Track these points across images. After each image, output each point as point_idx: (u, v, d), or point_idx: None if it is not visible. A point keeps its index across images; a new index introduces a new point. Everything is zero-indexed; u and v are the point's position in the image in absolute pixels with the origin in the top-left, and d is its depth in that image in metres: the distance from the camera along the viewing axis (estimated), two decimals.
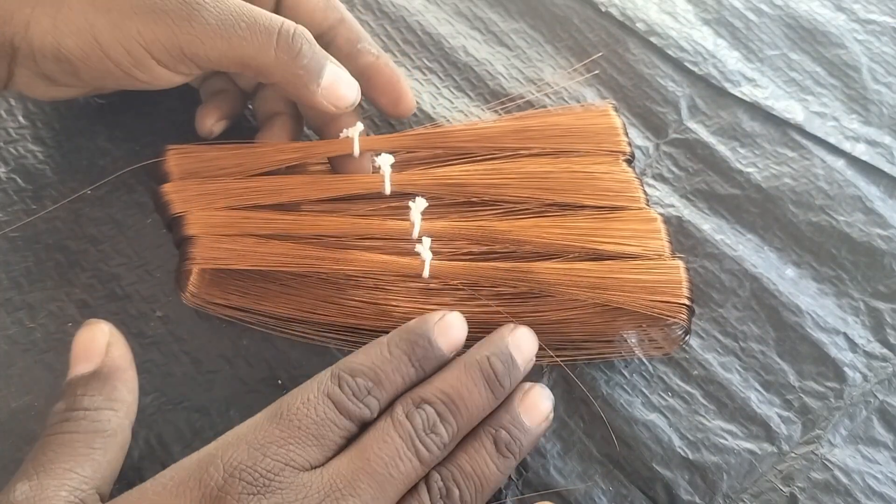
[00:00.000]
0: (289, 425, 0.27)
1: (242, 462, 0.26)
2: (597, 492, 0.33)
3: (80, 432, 0.26)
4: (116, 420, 0.27)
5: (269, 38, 0.33)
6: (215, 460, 0.26)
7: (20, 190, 0.37)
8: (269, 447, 0.26)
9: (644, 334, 0.36)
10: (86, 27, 0.31)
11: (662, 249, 0.36)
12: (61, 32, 0.31)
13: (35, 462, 0.26)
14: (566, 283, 0.34)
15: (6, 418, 0.32)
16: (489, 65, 0.45)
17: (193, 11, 0.32)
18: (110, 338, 0.29)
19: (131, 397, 0.29)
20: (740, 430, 0.35)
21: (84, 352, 0.29)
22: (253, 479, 0.25)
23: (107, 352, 0.28)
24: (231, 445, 0.26)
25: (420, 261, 0.35)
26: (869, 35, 0.49)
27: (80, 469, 0.26)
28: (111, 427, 0.27)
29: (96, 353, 0.28)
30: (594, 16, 0.48)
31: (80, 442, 0.26)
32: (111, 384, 0.28)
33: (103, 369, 0.28)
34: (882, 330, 0.38)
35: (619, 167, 0.39)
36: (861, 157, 0.43)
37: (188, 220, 0.35)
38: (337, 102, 0.35)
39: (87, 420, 0.27)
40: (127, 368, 0.29)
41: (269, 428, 0.27)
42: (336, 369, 0.29)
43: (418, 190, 0.37)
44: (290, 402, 0.28)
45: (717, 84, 0.45)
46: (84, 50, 0.32)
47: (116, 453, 0.27)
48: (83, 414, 0.27)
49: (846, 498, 0.34)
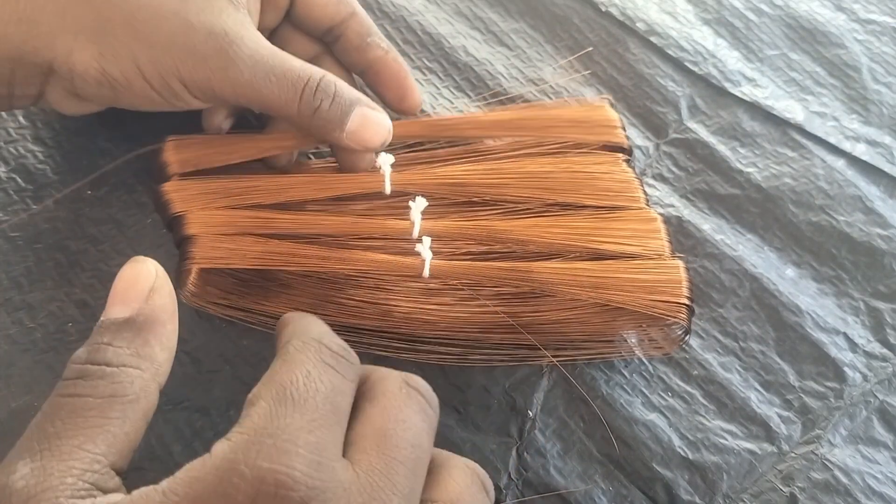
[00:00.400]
0: (307, 407, 0.23)
1: (273, 463, 0.21)
2: (597, 492, 0.33)
3: (95, 397, 0.23)
4: (140, 382, 0.23)
5: (294, 94, 0.34)
6: (238, 467, 0.21)
7: (20, 189, 0.37)
8: (299, 437, 0.22)
9: (644, 334, 0.36)
10: (130, 58, 0.32)
11: (662, 249, 0.36)
12: (106, 60, 0.32)
13: (41, 434, 0.22)
14: (566, 283, 0.34)
15: (6, 418, 0.32)
16: (489, 65, 0.45)
17: (230, 62, 0.33)
18: (155, 282, 0.25)
19: (164, 356, 0.25)
20: (740, 430, 0.35)
21: (123, 292, 0.25)
22: (293, 481, 0.21)
23: (147, 298, 0.25)
24: (251, 445, 0.22)
25: (420, 260, 0.35)
26: (869, 35, 0.49)
27: (90, 445, 0.22)
28: (133, 390, 0.23)
29: (136, 296, 0.24)
30: (594, 16, 0.48)
31: (94, 410, 0.22)
32: (143, 337, 0.24)
33: (138, 318, 0.24)
34: (882, 330, 0.38)
35: (620, 167, 0.39)
36: (861, 157, 0.43)
37: (188, 220, 0.35)
38: (364, 145, 0.36)
39: (105, 380, 0.23)
40: (166, 322, 0.25)
41: (288, 415, 0.23)
42: (311, 338, 0.26)
43: (418, 189, 0.37)
44: (293, 381, 0.24)
45: (718, 84, 0.45)
46: (128, 78, 0.33)
47: (137, 422, 0.23)
48: (102, 371, 0.23)
49: (846, 498, 0.34)
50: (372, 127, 0.36)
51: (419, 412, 0.26)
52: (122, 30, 0.32)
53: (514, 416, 0.34)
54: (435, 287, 0.36)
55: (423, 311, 0.35)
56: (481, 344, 0.35)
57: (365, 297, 0.36)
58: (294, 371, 0.24)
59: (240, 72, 0.33)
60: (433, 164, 0.39)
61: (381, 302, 0.35)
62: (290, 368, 0.24)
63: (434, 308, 0.35)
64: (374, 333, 0.35)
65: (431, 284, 0.36)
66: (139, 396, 0.23)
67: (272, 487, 0.21)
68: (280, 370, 0.24)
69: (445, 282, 0.36)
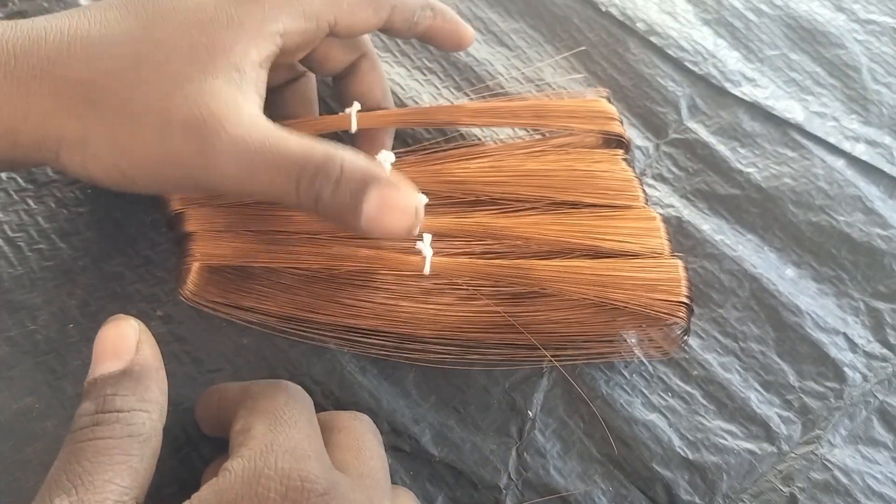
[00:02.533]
0: (298, 425, 0.26)
1: (294, 464, 0.25)
2: (597, 492, 0.33)
3: (115, 437, 0.25)
4: (150, 423, 0.26)
5: (290, 183, 0.29)
6: (263, 471, 0.24)
7: (21, 189, 0.37)
8: (304, 446, 0.26)
9: (644, 334, 0.36)
10: (113, 167, 0.30)
11: (661, 248, 0.36)
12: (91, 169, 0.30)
13: (70, 473, 0.24)
14: (565, 281, 0.34)
15: (7, 419, 0.32)
16: (489, 65, 0.45)
17: (210, 161, 0.29)
18: (140, 335, 0.27)
19: (163, 399, 0.27)
20: (740, 430, 0.35)
21: (112, 348, 0.27)
22: (315, 476, 0.25)
23: (137, 349, 0.27)
24: (267, 455, 0.25)
25: (421, 258, 0.35)
26: (869, 35, 0.49)
27: (119, 479, 0.24)
28: (146, 431, 0.26)
29: (126, 350, 0.27)
30: (594, 16, 0.48)
31: (117, 448, 0.25)
32: (144, 384, 0.26)
33: (135, 368, 0.26)
34: (882, 330, 0.38)
35: (619, 166, 0.39)
36: (861, 157, 0.43)
37: (188, 217, 0.35)
38: (387, 233, 0.29)
39: (120, 423, 0.25)
40: (159, 368, 0.27)
41: (286, 432, 0.26)
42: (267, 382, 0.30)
43: (419, 188, 0.37)
44: (278, 408, 0.27)
45: (718, 84, 0.45)
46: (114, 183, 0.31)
47: (151, 460, 0.26)
48: (116, 417, 0.25)
49: (846, 498, 0.34)
50: (394, 212, 0.29)
51: (374, 434, 0.30)
52: (103, 141, 0.30)
53: (513, 416, 0.35)
54: (435, 287, 0.36)
55: (423, 310, 0.35)
56: (481, 344, 0.35)
57: (365, 296, 0.36)
58: (273, 401, 0.27)
59: (220, 168, 0.29)
60: (433, 162, 0.39)
61: (381, 302, 0.36)
62: (269, 399, 0.27)
63: (434, 308, 0.36)
64: (374, 333, 0.35)
65: (432, 284, 0.36)
66: (150, 436, 0.26)
67: (298, 482, 0.24)
68: (259, 403, 0.27)
69: (446, 281, 0.36)
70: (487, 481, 0.33)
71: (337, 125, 0.38)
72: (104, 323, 0.27)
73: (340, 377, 0.34)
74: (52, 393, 0.33)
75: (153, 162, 0.30)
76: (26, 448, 0.31)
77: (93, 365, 0.27)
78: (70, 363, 0.33)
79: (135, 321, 0.28)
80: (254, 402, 0.28)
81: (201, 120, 0.29)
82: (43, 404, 0.32)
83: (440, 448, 0.34)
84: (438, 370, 0.35)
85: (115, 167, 0.30)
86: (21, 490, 0.31)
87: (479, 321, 0.35)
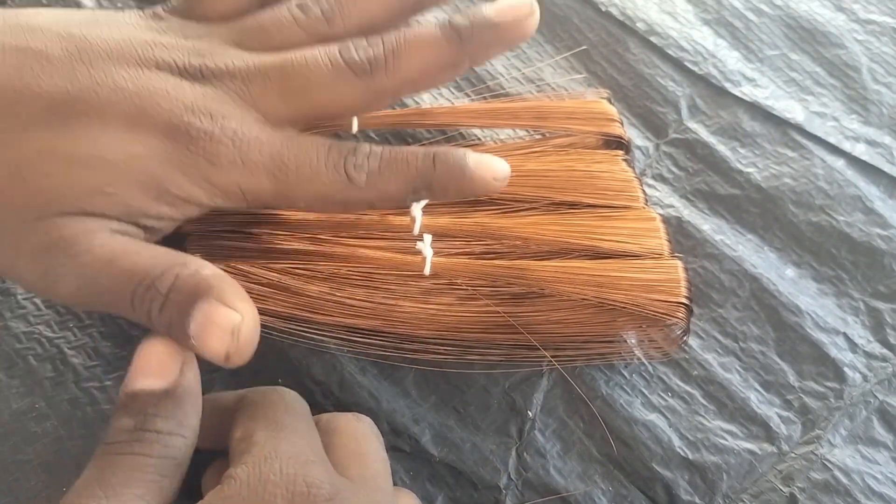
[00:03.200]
0: (299, 432, 0.27)
1: (298, 469, 0.25)
2: (597, 492, 0.33)
3: (154, 457, 0.25)
4: (185, 449, 0.26)
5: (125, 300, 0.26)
6: (269, 477, 0.25)
7: None
8: (307, 451, 0.26)
9: (643, 335, 0.36)
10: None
11: (661, 248, 0.36)
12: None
13: (102, 482, 0.24)
14: (565, 282, 0.34)
15: (8, 419, 0.32)
16: (489, 65, 0.45)
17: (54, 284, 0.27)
18: (185, 358, 0.26)
19: (198, 425, 0.27)
20: (740, 430, 0.35)
21: (157, 365, 0.26)
22: (319, 480, 0.25)
23: (182, 372, 0.26)
24: (272, 461, 0.25)
25: (421, 258, 0.35)
26: (869, 35, 0.49)
27: (149, 497, 0.24)
28: (181, 455, 0.26)
29: (170, 370, 0.26)
30: (594, 16, 0.48)
31: (153, 467, 0.25)
32: (184, 410, 0.26)
33: (177, 390, 0.26)
34: (882, 330, 0.38)
35: (619, 166, 0.39)
36: (861, 157, 0.43)
37: None
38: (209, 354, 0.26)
39: (160, 444, 0.25)
40: (198, 395, 0.27)
41: (288, 437, 0.26)
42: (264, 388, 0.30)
43: None
44: (278, 415, 0.27)
45: (718, 84, 0.45)
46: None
47: (178, 484, 0.26)
48: (156, 437, 0.25)
49: (846, 498, 0.34)
50: (214, 330, 0.26)
51: (376, 436, 0.30)
52: None
53: (513, 416, 0.35)
54: (435, 287, 0.36)
55: (423, 310, 0.35)
56: (481, 344, 0.35)
57: (365, 296, 0.36)
58: (272, 407, 0.27)
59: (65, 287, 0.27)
60: None
61: (381, 302, 0.36)
62: (269, 406, 0.27)
63: (434, 308, 0.36)
64: (374, 333, 0.35)
65: (431, 284, 0.36)
66: (184, 461, 0.26)
67: (304, 487, 0.24)
68: (258, 410, 0.27)
69: (445, 281, 0.36)
70: (487, 481, 0.33)
71: (337, 126, 0.38)
72: (150, 336, 0.26)
73: (340, 377, 0.34)
74: (52, 393, 0.33)
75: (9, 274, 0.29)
76: (26, 448, 0.31)
77: (133, 375, 0.26)
78: (70, 363, 0.33)
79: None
80: (253, 410, 0.28)
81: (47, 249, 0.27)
82: (43, 404, 0.32)
83: (440, 448, 0.34)
84: (438, 370, 0.35)
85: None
86: (21, 490, 0.31)
87: (478, 321, 0.35)
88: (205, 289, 0.26)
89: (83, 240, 0.27)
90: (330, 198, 0.30)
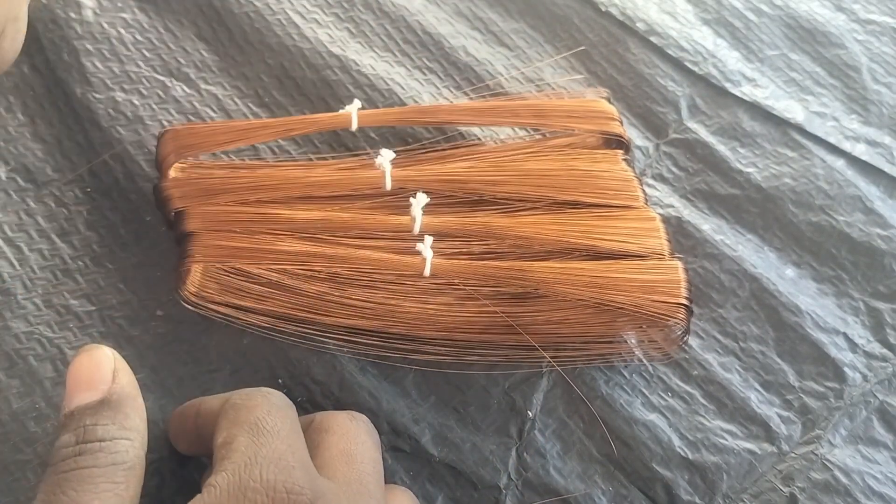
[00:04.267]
0: (281, 435, 0.26)
1: (278, 475, 0.24)
2: (597, 492, 0.33)
3: (100, 466, 0.25)
4: (133, 451, 0.26)
5: None
6: (249, 484, 0.24)
7: (20, 189, 0.37)
8: (288, 456, 0.25)
9: (643, 335, 0.36)
10: None
11: (661, 248, 0.36)
12: None
13: (55, 501, 0.24)
14: (565, 283, 0.34)
15: (8, 419, 0.32)
16: (489, 64, 0.45)
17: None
18: (116, 363, 0.27)
19: (144, 426, 0.27)
20: (740, 430, 0.35)
21: (88, 378, 0.26)
22: (300, 486, 0.24)
23: (114, 378, 0.26)
24: (251, 467, 0.25)
25: (421, 259, 0.35)
26: (869, 35, 0.49)
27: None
28: (130, 458, 0.25)
29: (102, 379, 0.26)
30: (594, 16, 0.48)
31: (102, 477, 0.24)
32: (123, 412, 0.26)
33: (112, 397, 0.26)
34: (882, 330, 0.38)
35: (619, 166, 0.39)
36: (861, 157, 0.43)
37: (188, 216, 0.35)
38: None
39: (104, 452, 0.25)
40: (136, 396, 0.27)
41: (269, 443, 0.26)
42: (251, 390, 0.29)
43: (418, 186, 0.37)
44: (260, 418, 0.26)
45: (718, 84, 0.45)
46: None
47: (136, 487, 0.25)
48: (99, 446, 0.25)
49: (846, 498, 0.34)
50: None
51: (369, 435, 0.29)
52: None
53: (513, 416, 0.35)
54: (435, 287, 0.36)
55: (423, 311, 0.35)
56: (481, 344, 0.35)
57: (365, 296, 0.36)
58: (254, 411, 0.27)
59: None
60: (433, 161, 0.39)
61: (381, 302, 0.36)
62: (251, 410, 0.27)
63: (434, 308, 0.36)
64: (374, 333, 0.35)
65: (431, 284, 0.36)
66: (134, 463, 0.25)
67: (284, 494, 0.24)
68: (240, 414, 0.27)
69: (446, 281, 0.36)
70: (487, 481, 0.33)
71: (337, 123, 0.38)
72: (76, 353, 0.27)
73: (340, 377, 0.34)
74: (52, 393, 0.33)
75: None
76: (26, 448, 0.31)
77: (68, 396, 0.26)
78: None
79: (108, 349, 0.27)
80: (235, 413, 0.27)
81: None
82: (43, 404, 0.32)
83: (440, 448, 0.34)
84: (438, 370, 0.35)
85: None
86: (21, 490, 0.31)
87: (478, 322, 0.35)
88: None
89: None
90: None
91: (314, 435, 0.28)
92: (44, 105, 0.41)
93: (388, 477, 0.33)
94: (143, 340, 0.34)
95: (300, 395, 0.34)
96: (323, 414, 0.30)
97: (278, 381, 0.34)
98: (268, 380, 0.34)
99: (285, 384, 0.34)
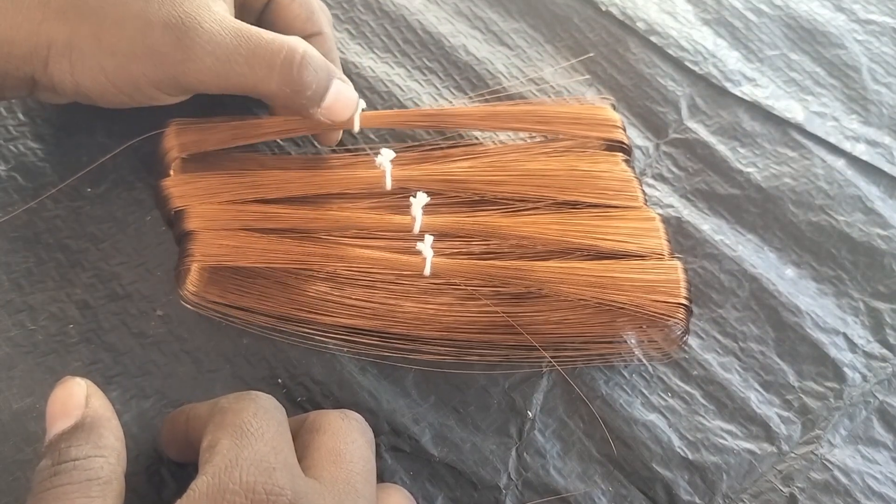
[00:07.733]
0: (265, 437, 0.26)
1: (258, 477, 0.25)
2: (597, 492, 0.33)
3: (74, 482, 0.25)
4: (109, 467, 0.26)
5: (270, 71, 0.33)
6: (228, 486, 0.24)
7: (21, 189, 0.37)
8: (269, 458, 0.25)
9: (643, 335, 0.36)
10: (98, 69, 0.32)
11: (661, 248, 0.36)
12: (78, 73, 0.33)
13: None
14: (565, 283, 0.34)
15: (8, 419, 0.32)
16: (489, 64, 0.45)
17: (189, 52, 0.32)
18: (88, 390, 0.27)
19: (120, 444, 0.27)
20: (740, 430, 0.35)
21: (62, 408, 0.27)
22: (280, 488, 0.24)
23: (87, 403, 0.27)
24: (232, 470, 0.25)
25: (421, 259, 0.35)
26: (869, 35, 0.49)
27: None
28: (105, 474, 0.25)
29: (75, 405, 0.27)
30: (594, 15, 0.48)
31: (77, 493, 0.25)
32: (97, 432, 0.26)
33: (86, 420, 0.26)
34: (882, 330, 0.38)
35: (619, 166, 0.39)
36: (861, 157, 0.44)
37: (188, 215, 0.35)
38: (334, 118, 0.36)
39: (77, 470, 0.25)
40: (111, 417, 0.27)
41: (252, 445, 0.26)
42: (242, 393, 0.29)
43: (419, 186, 0.37)
44: (245, 420, 0.27)
45: (718, 84, 0.45)
46: (99, 88, 0.33)
47: (115, 501, 0.26)
48: (73, 465, 0.25)
49: (846, 498, 0.34)
50: (343, 101, 0.35)
51: (361, 433, 0.29)
52: (89, 42, 0.32)
53: (513, 416, 0.35)
54: (435, 287, 0.36)
55: (424, 311, 0.35)
56: (481, 344, 0.35)
57: (365, 296, 0.36)
58: (239, 414, 0.27)
59: (200, 60, 0.32)
60: (433, 161, 0.39)
61: (381, 302, 0.36)
62: (237, 413, 0.27)
63: (434, 308, 0.36)
64: (374, 333, 0.35)
65: (432, 284, 0.36)
66: (111, 479, 0.25)
67: (264, 496, 0.24)
68: (226, 418, 0.27)
69: (446, 281, 0.36)
70: (487, 481, 0.33)
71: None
72: (53, 389, 0.27)
73: (340, 377, 0.34)
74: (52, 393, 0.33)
75: (136, 60, 0.32)
76: (26, 448, 0.31)
77: (47, 429, 0.27)
78: (70, 363, 0.33)
79: (81, 379, 0.28)
80: (222, 417, 0.27)
81: (179, 19, 0.32)
82: (43, 405, 0.32)
83: (440, 448, 0.34)
84: (438, 370, 0.35)
85: (100, 69, 0.32)
86: (21, 490, 0.31)
87: (478, 322, 0.35)
88: (330, 66, 0.35)
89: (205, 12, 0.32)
90: None
91: (305, 435, 0.28)
92: (44, 105, 0.41)
93: (388, 477, 0.33)
94: (143, 340, 0.34)
95: (300, 395, 0.34)
96: (315, 413, 0.30)
97: (278, 380, 0.34)
98: (267, 380, 0.34)
99: (285, 384, 0.34)
